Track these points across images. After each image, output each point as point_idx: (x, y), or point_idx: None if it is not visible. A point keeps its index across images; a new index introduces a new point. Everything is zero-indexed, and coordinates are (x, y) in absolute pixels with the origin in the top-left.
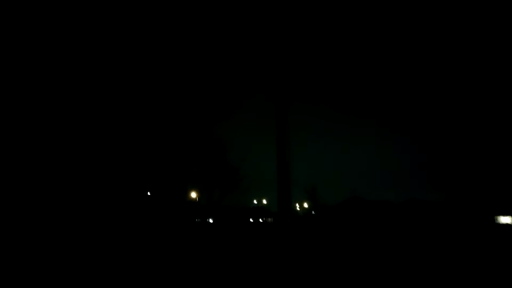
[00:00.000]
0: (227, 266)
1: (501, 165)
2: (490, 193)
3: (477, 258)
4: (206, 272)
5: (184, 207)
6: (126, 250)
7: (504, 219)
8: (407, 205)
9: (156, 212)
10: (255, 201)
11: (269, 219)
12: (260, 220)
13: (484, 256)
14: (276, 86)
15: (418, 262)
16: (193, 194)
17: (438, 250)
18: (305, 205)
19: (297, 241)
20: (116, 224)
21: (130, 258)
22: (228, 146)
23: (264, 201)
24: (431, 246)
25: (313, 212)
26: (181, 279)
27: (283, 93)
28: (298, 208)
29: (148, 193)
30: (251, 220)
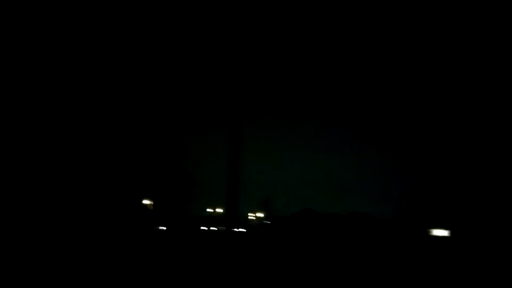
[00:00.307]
0: (172, 272)
1: (438, 180)
2: (426, 208)
3: (406, 264)
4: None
5: (136, 213)
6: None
7: (437, 232)
8: (350, 218)
9: (108, 218)
10: (208, 210)
11: (221, 228)
12: (213, 228)
13: (412, 261)
14: (228, 99)
15: (355, 270)
16: (146, 201)
17: (373, 257)
18: (259, 215)
19: (245, 248)
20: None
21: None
22: (183, 153)
23: (219, 210)
24: (367, 255)
25: (266, 222)
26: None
27: (236, 105)
28: (253, 218)
29: (103, 199)
30: (202, 228)
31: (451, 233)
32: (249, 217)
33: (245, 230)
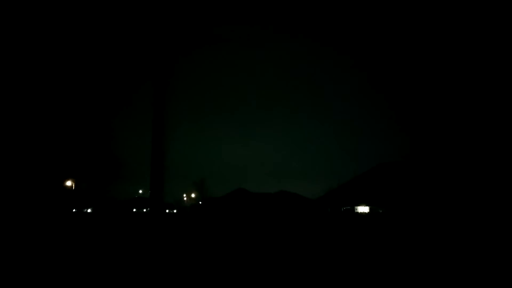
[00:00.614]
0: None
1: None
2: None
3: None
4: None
5: (58, 196)
6: None
7: (361, 209)
8: (279, 197)
9: (26, 199)
10: (140, 191)
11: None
12: (144, 210)
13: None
14: (153, 68)
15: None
16: (69, 183)
17: (297, 232)
18: (193, 195)
19: (171, 229)
20: None
21: None
22: (108, 133)
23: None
24: (291, 230)
25: (200, 202)
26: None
27: (160, 74)
28: (185, 199)
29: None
30: (134, 210)
31: (371, 209)
32: (184, 198)
33: (176, 211)
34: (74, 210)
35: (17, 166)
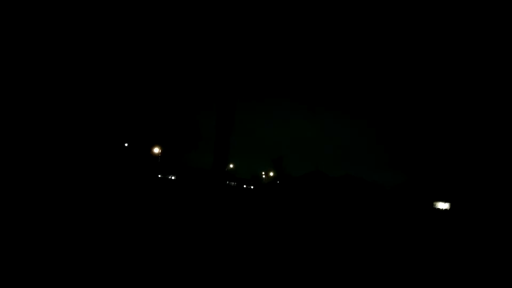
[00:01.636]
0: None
1: (443, 152)
2: (430, 180)
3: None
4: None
5: (147, 162)
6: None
7: (441, 205)
8: (351, 182)
9: (121, 166)
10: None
11: (233, 183)
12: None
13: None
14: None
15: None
16: (156, 150)
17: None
18: (271, 174)
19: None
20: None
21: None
22: (192, 106)
23: (231, 165)
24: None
25: (277, 182)
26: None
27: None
28: (264, 176)
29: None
30: None
31: (452, 205)
32: (262, 176)
33: (252, 188)
34: (159, 176)
35: (112, 135)
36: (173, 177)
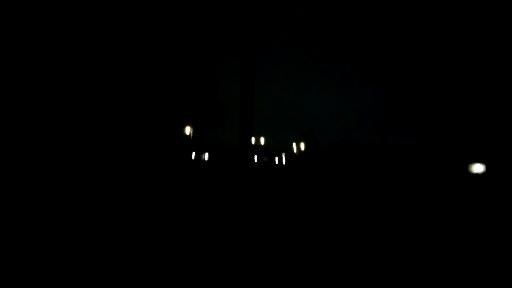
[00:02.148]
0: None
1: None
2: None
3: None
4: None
5: (181, 142)
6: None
7: (476, 168)
8: (381, 150)
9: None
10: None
11: (264, 158)
12: (255, 159)
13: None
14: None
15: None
16: (188, 130)
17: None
18: (302, 146)
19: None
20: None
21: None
22: (216, 80)
23: (262, 141)
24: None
25: (309, 154)
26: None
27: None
28: (295, 149)
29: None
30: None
31: (487, 167)
32: (294, 148)
33: (284, 162)
34: (193, 157)
35: (142, 117)
36: (206, 157)
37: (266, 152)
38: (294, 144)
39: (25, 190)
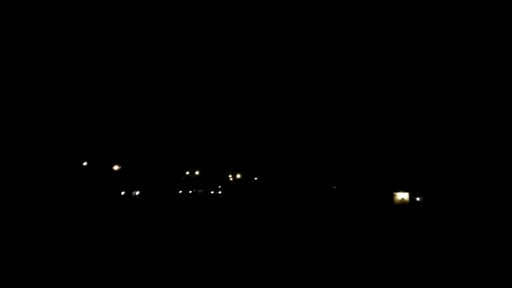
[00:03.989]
0: None
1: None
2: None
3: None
4: None
5: (106, 179)
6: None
7: (400, 195)
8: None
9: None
10: (187, 172)
11: (200, 191)
12: (190, 191)
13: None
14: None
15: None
16: (115, 167)
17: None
18: (238, 176)
19: None
20: None
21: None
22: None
23: (197, 172)
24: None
25: (244, 185)
26: None
27: None
28: (231, 179)
29: None
30: (180, 192)
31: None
32: (230, 179)
33: (220, 193)
34: (122, 193)
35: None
36: (137, 193)
37: (202, 184)
38: (230, 175)
39: None
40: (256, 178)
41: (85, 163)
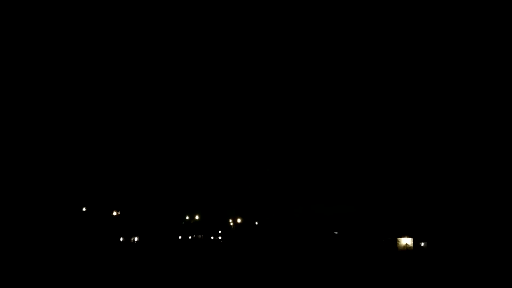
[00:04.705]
0: None
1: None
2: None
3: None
4: None
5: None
6: None
7: (404, 240)
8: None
9: None
10: (187, 217)
11: (200, 236)
12: (191, 237)
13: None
14: None
15: None
16: (114, 212)
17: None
18: (238, 220)
19: None
20: None
21: None
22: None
23: (197, 217)
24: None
25: (244, 229)
26: None
27: None
28: (232, 224)
29: None
30: (179, 237)
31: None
32: (230, 223)
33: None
34: (121, 239)
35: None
36: (136, 239)
37: (202, 229)
38: (230, 220)
39: None
40: (256, 223)
41: (84, 209)
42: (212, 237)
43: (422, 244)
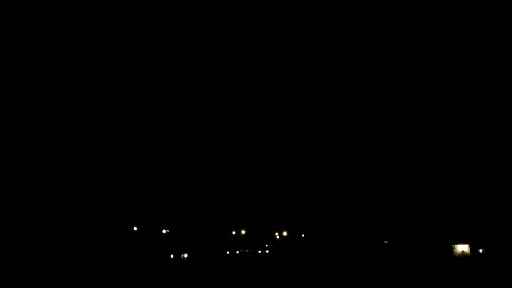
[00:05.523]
0: None
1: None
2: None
3: None
4: None
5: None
6: None
7: (460, 247)
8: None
9: None
10: (233, 232)
11: (247, 251)
12: (238, 251)
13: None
14: None
15: None
16: (164, 231)
17: None
18: (285, 233)
19: None
20: None
21: None
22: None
23: (243, 232)
24: None
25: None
26: None
27: None
28: (278, 237)
29: None
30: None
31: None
32: (276, 237)
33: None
34: (172, 256)
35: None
36: (185, 255)
37: (249, 243)
38: (276, 233)
39: None
40: (303, 235)
41: (135, 228)
42: (259, 251)
43: (481, 251)
